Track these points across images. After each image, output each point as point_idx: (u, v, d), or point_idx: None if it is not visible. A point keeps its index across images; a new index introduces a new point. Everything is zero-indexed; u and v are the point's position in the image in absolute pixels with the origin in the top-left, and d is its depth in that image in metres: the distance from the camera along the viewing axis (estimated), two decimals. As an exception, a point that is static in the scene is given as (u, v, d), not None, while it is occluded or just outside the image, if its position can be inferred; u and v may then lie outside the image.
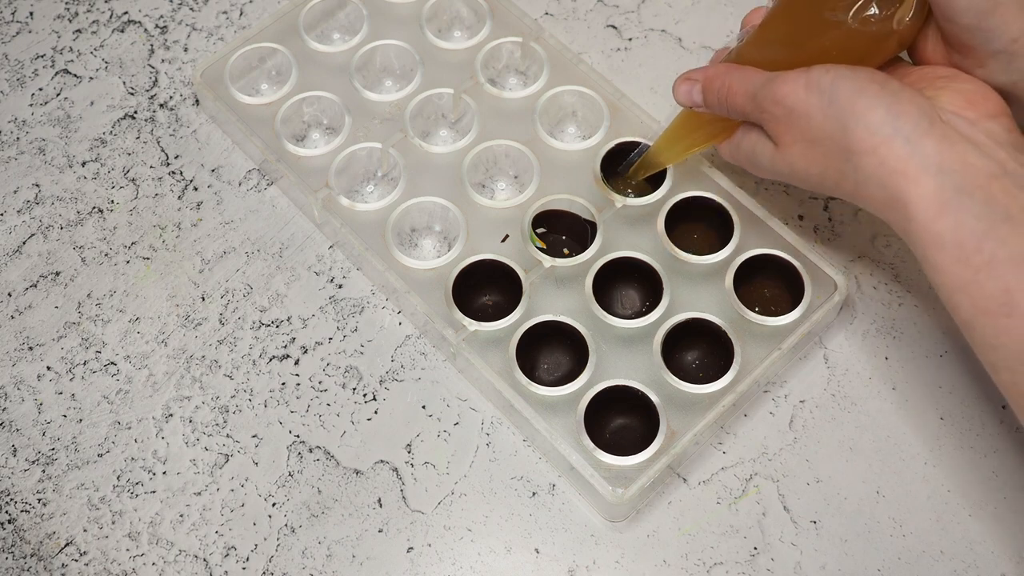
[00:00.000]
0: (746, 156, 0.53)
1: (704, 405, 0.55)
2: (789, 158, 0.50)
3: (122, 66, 0.69)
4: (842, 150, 0.47)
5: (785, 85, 0.49)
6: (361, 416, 0.57)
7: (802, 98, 0.48)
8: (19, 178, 0.65)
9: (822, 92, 0.47)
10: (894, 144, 0.45)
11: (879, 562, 0.53)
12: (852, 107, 0.46)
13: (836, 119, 0.47)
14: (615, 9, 0.71)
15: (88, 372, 0.59)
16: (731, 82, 0.52)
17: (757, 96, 0.50)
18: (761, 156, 0.52)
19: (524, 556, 0.54)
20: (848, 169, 0.47)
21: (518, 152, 0.63)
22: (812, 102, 0.47)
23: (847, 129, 0.46)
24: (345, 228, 0.60)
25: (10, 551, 0.54)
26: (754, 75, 0.51)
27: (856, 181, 0.47)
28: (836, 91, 0.47)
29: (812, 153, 0.48)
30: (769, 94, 0.49)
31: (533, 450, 0.56)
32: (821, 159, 0.48)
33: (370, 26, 0.67)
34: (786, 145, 0.50)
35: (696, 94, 0.54)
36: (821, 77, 0.47)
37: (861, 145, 0.46)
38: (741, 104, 0.51)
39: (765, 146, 0.51)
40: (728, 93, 0.52)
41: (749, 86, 0.51)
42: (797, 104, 0.48)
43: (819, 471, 0.55)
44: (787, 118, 0.49)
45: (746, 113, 0.51)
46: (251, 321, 0.60)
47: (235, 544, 0.54)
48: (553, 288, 0.59)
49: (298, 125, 0.65)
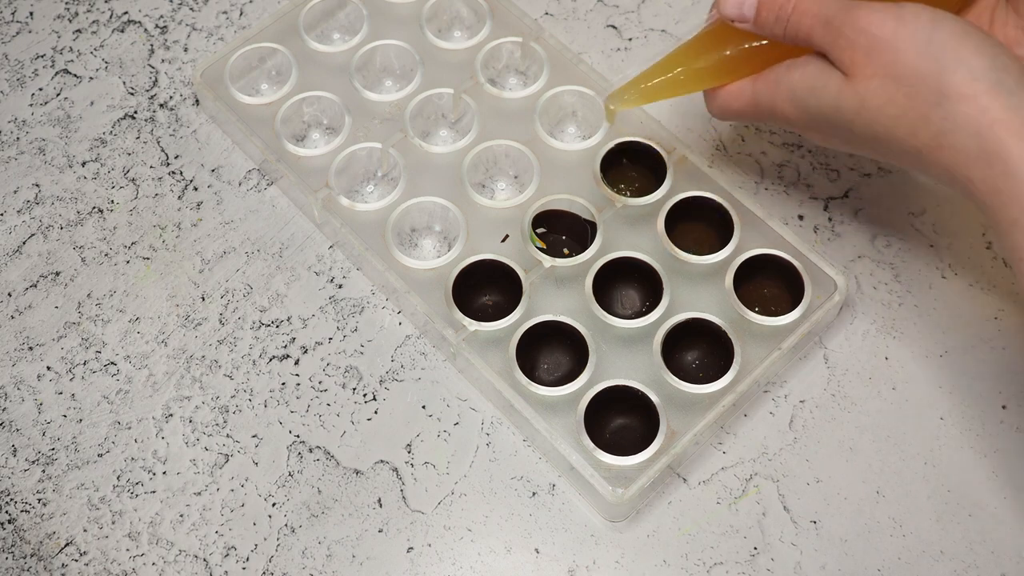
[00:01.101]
0: (791, 93, 0.48)
1: (704, 405, 0.55)
2: (863, 92, 0.45)
3: (122, 66, 0.69)
4: (933, 92, 0.43)
5: (872, 13, 0.44)
6: (361, 416, 0.57)
7: (892, 30, 0.44)
8: (19, 178, 0.65)
9: (919, 28, 0.43)
10: (999, 94, 0.42)
11: (879, 562, 0.53)
12: (956, 48, 0.42)
13: (934, 58, 0.43)
14: (615, 9, 0.71)
15: (88, 372, 0.59)
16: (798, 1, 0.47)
17: (834, 20, 0.45)
18: (822, 91, 0.46)
19: (524, 556, 0.54)
20: (935, 115, 0.43)
21: (518, 152, 0.63)
22: (906, 36, 0.43)
23: (945, 71, 0.42)
24: (345, 228, 0.60)
25: (10, 551, 0.54)
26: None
27: (941, 129, 0.43)
28: (937, 30, 0.43)
29: (893, 90, 0.44)
30: (851, 19, 0.45)
31: (533, 450, 0.56)
32: (903, 99, 0.44)
33: (370, 26, 0.67)
34: (863, 77, 0.45)
35: (748, 7, 0.48)
36: (919, 13, 0.44)
37: (960, 89, 0.42)
38: (808, 26, 0.46)
39: (830, 78, 0.46)
40: (794, 11, 0.46)
41: (823, 7, 0.46)
42: (886, 35, 0.44)
43: (819, 471, 0.55)
44: (870, 47, 0.44)
45: (812, 38, 0.46)
46: (251, 321, 0.60)
47: (235, 544, 0.54)
48: (553, 288, 0.59)
49: (298, 125, 0.65)
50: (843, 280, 0.57)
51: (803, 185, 0.64)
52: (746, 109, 0.51)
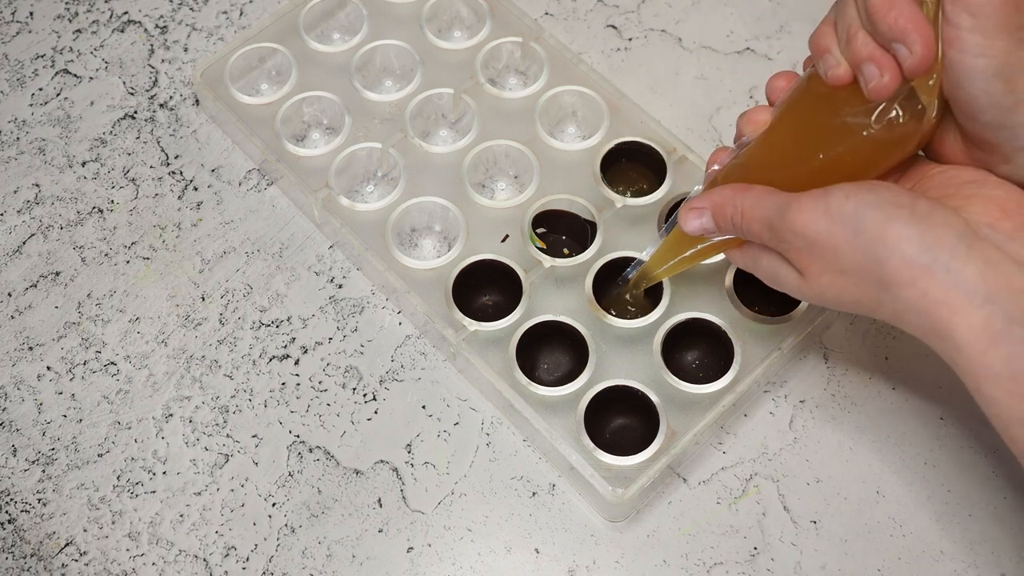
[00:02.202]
0: (767, 275, 0.50)
1: (704, 405, 0.55)
2: (818, 288, 0.46)
3: (122, 66, 0.69)
4: (877, 281, 0.43)
5: (803, 214, 0.45)
6: (361, 416, 0.57)
7: (824, 228, 0.44)
8: (19, 178, 0.65)
9: (845, 222, 0.44)
10: (934, 275, 0.42)
11: (879, 562, 0.53)
12: (882, 238, 0.43)
13: (865, 251, 0.43)
14: (615, 9, 0.71)
15: (88, 372, 0.59)
16: (743, 206, 0.48)
17: (773, 225, 0.46)
18: (785, 282, 0.48)
19: (524, 556, 0.54)
20: (886, 298, 0.44)
21: (518, 152, 0.63)
22: (836, 232, 0.44)
23: (880, 261, 0.43)
24: (345, 228, 0.60)
25: (10, 551, 0.54)
26: (767, 198, 0.47)
27: (895, 310, 0.44)
28: (862, 220, 0.43)
29: (843, 283, 0.45)
30: (787, 224, 0.45)
31: (533, 450, 0.56)
32: (854, 288, 0.45)
33: (370, 26, 0.67)
34: (813, 275, 0.46)
35: (708, 222, 0.50)
36: (842, 205, 0.44)
37: (898, 277, 0.43)
38: (758, 231, 0.47)
39: (789, 273, 0.48)
40: (742, 219, 0.48)
41: (764, 211, 0.47)
42: (819, 235, 0.44)
43: (819, 471, 0.55)
44: (810, 249, 0.45)
45: (764, 240, 0.48)
46: (251, 321, 0.60)
47: (235, 544, 0.54)
48: (553, 288, 0.59)
49: (298, 125, 0.65)
50: (843, 280, 0.57)
51: (803, 185, 0.64)
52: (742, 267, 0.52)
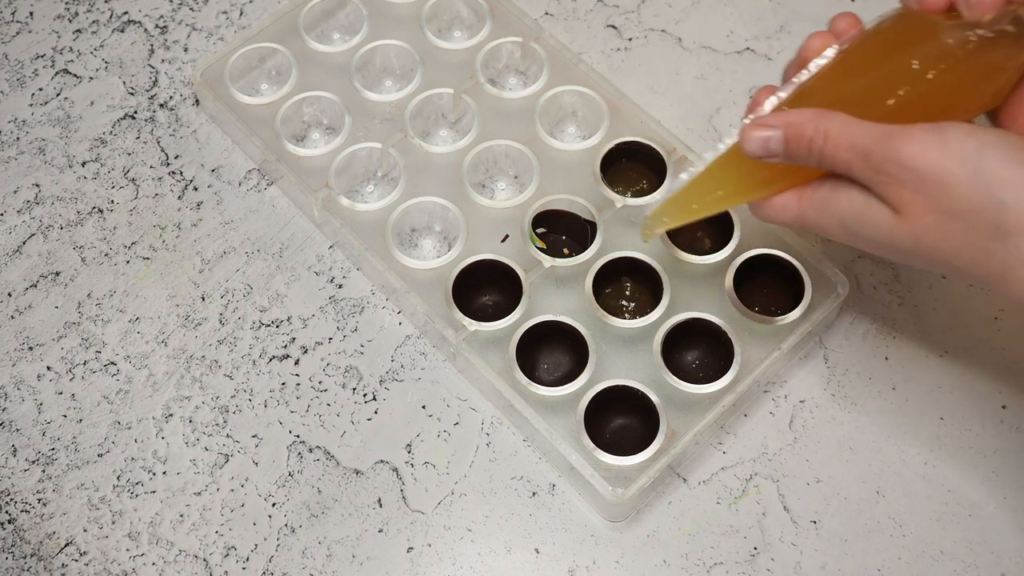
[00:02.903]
0: (844, 218, 0.44)
1: (704, 405, 0.55)
2: (917, 229, 0.42)
3: (122, 66, 0.69)
4: (992, 227, 0.40)
5: (913, 144, 0.41)
6: (361, 416, 0.57)
7: (938, 163, 0.40)
8: (19, 178, 0.65)
9: (966, 159, 0.40)
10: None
11: (879, 562, 0.53)
12: (1008, 182, 0.39)
13: (987, 193, 0.40)
14: (615, 9, 0.71)
15: (88, 372, 0.59)
16: (828, 130, 0.43)
17: (873, 154, 0.42)
18: (872, 225, 0.43)
19: (524, 556, 0.54)
20: (998, 249, 0.40)
21: (518, 152, 0.63)
22: (953, 169, 0.40)
23: (1002, 206, 0.39)
24: (345, 228, 0.60)
25: (10, 551, 0.54)
26: (861, 126, 0.42)
27: (1006, 263, 0.40)
28: (985, 159, 0.40)
29: (949, 226, 0.41)
30: (891, 154, 0.41)
31: (533, 450, 0.56)
32: (960, 234, 0.41)
33: (370, 26, 0.67)
34: (914, 214, 0.42)
35: (776, 144, 0.45)
36: (963, 141, 0.40)
37: (1019, 225, 0.39)
38: (845, 159, 0.43)
39: (879, 213, 0.43)
40: (825, 144, 0.43)
41: (857, 139, 0.42)
42: (932, 169, 0.40)
43: (819, 471, 0.55)
44: (917, 183, 0.41)
45: (852, 171, 0.43)
46: (251, 321, 0.60)
47: (235, 544, 0.54)
48: (553, 288, 0.59)
49: (298, 125, 0.65)
50: (843, 280, 0.57)
51: (803, 185, 0.64)
52: (793, 223, 0.47)
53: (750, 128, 0.45)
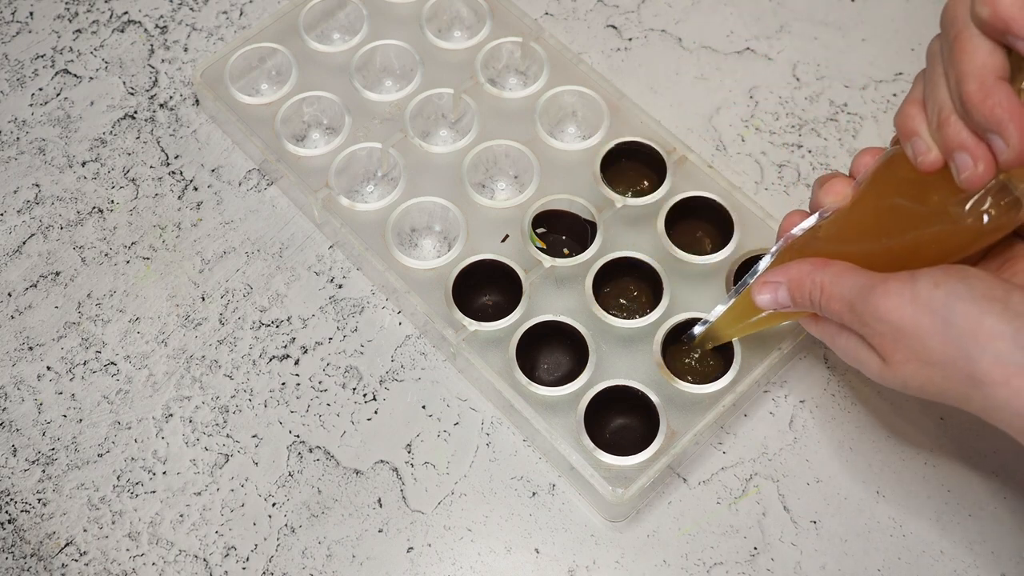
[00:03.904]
0: (845, 355, 0.48)
1: (704, 405, 0.55)
2: (902, 376, 0.44)
3: (122, 66, 0.69)
4: (966, 376, 0.41)
5: (888, 299, 0.43)
6: (361, 416, 0.57)
7: (911, 317, 0.42)
8: (19, 178, 0.65)
9: (935, 312, 0.42)
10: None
11: (879, 562, 0.53)
12: (974, 334, 0.41)
13: (956, 345, 0.41)
14: (615, 9, 0.71)
15: (88, 372, 0.59)
16: (823, 282, 0.46)
17: (855, 306, 0.44)
18: (865, 366, 0.46)
19: (524, 556, 0.54)
20: (975, 395, 0.42)
21: (518, 152, 0.63)
22: (924, 323, 0.42)
23: (971, 358, 0.41)
24: (345, 228, 0.60)
25: (10, 551, 0.54)
26: (848, 277, 0.45)
27: (985, 407, 0.42)
28: (952, 313, 0.41)
29: (929, 373, 0.43)
30: (870, 308, 0.44)
31: (533, 450, 0.56)
32: (940, 381, 0.43)
33: (370, 26, 0.67)
34: (897, 363, 0.44)
35: (783, 297, 0.48)
36: (931, 293, 0.42)
37: (990, 376, 0.41)
38: (838, 310, 0.45)
39: (869, 358, 0.46)
40: (821, 296, 0.46)
41: (845, 291, 0.45)
42: (905, 323, 0.42)
43: (819, 471, 0.55)
44: (895, 336, 0.43)
45: (844, 321, 0.46)
46: (251, 321, 0.60)
47: (235, 544, 0.54)
48: (553, 288, 0.59)
49: (298, 125, 0.65)
50: (843, 280, 0.57)
51: (803, 185, 0.64)
52: (816, 336, 0.50)
53: (758, 286, 0.49)
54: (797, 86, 0.67)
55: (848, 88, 0.67)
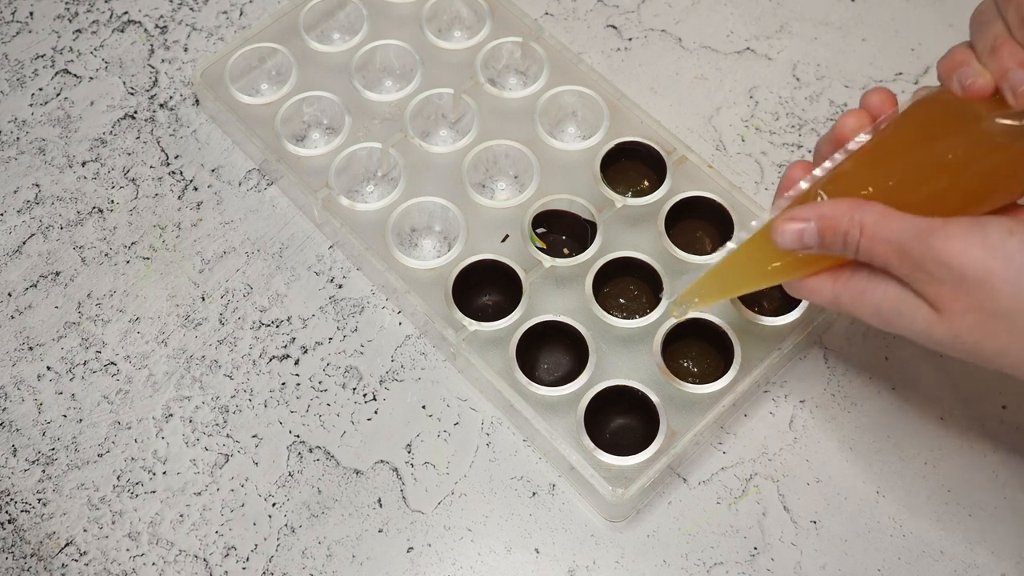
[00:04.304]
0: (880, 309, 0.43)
1: (704, 405, 0.55)
2: (957, 327, 0.41)
3: (122, 66, 0.69)
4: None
5: (954, 242, 0.39)
6: (361, 416, 0.57)
7: (980, 262, 0.39)
8: (19, 178, 0.65)
9: (1009, 258, 0.39)
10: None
11: (879, 562, 0.53)
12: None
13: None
14: (615, 9, 0.71)
15: (88, 372, 0.59)
16: (864, 223, 0.42)
17: (911, 250, 0.40)
18: (911, 318, 0.42)
19: (524, 556, 0.54)
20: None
21: (518, 152, 0.63)
22: (995, 269, 0.39)
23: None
24: (345, 228, 0.60)
25: (10, 551, 0.54)
26: (897, 219, 0.41)
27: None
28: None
29: (991, 326, 0.40)
30: (930, 251, 0.40)
31: (533, 450, 0.56)
32: (1003, 334, 0.40)
33: (370, 26, 0.67)
34: (954, 313, 0.40)
35: (810, 236, 0.44)
36: (1006, 239, 0.39)
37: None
38: (882, 254, 0.42)
39: (917, 309, 0.42)
40: (862, 238, 0.42)
41: (894, 233, 0.41)
42: (973, 269, 0.39)
43: (819, 471, 0.55)
44: (958, 283, 0.40)
45: (889, 266, 0.42)
46: (251, 321, 0.60)
47: (235, 544, 0.54)
48: (553, 288, 0.59)
49: (298, 125, 0.65)
50: (843, 280, 0.57)
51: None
52: (827, 305, 0.46)
53: (783, 221, 0.44)
54: (797, 86, 0.67)
55: (848, 88, 0.67)
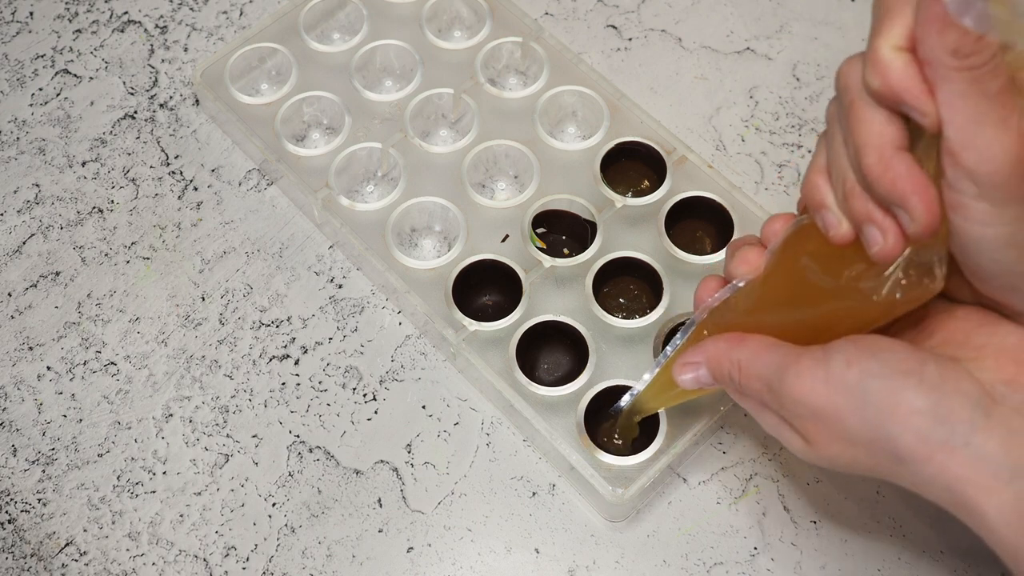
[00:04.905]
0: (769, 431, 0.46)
1: (704, 405, 0.55)
2: (827, 455, 0.42)
3: (122, 66, 0.69)
4: (891, 455, 0.40)
5: (802, 381, 0.41)
6: (361, 416, 0.57)
7: (826, 398, 0.41)
8: (19, 178, 0.65)
9: (850, 392, 0.40)
10: (953, 450, 0.38)
11: (879, 562, 0.53)
12: (892, 412, 0.39)
13: (876, 425, 0.40)
14: (615, 9, 0.71)
15: (88, 372, 0.59)
16: (740, 361, 0.44)
17: (772, 387, 0.43)
18: (790, 446, 0.44)
19: (524, 556, 0.54)
20: (903, 471, 0.40)
21: (518, 152, 0.63)
22: (840, 404, 0.40)
23: (892, 437, 0.39)
24: (345, 228, 0.60)
25: (10, 551, 0.54)
26: (764, 355, 0.43)
27: (915, 482, 0.40)
28: (867, 392, 0.40)
29: (854, 452, 0.41)
30: (786, 390, 0.42)
31: (533, 450, 0.56)
32: (866, 459, 0.41)
33: (370, 26, 0.67)
34: (820, 443, 0.42)
35: (704, 376, 0.46)
36: (844, 373, 0.40)
37: (913, 454, 0.39)
38: (757, 390, 0.44)
39: (792, 438, 0.44)
40: (740, 375, 0.45)
41: (762, 370, 0.43)
42: (822, 406, 0.41)
43: (819, 471, 0.55)
44: (813, 418, 0.42)
45: (765, 401, 0.44)
46: (251, 321, 0.60)
47: (235, 544, 0.54)
48: (553, 288, 0.59)
49: (298, 125, 0.65)
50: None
51: (803, 185, 0.64)
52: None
53: (679, 367, 0.47)
54: (797, 86, 0.67)
55: (848, 88, 0.67)
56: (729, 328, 0.47)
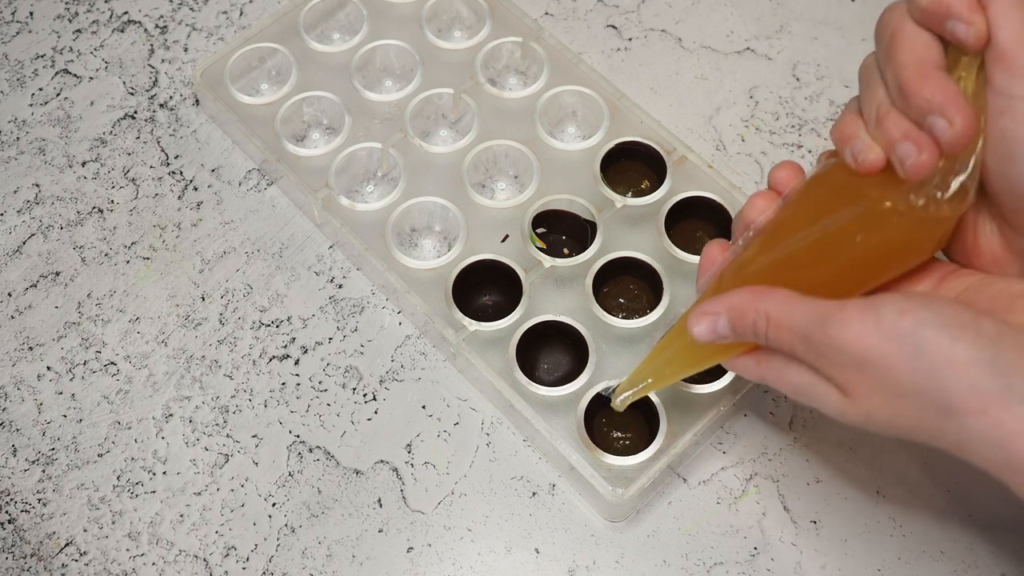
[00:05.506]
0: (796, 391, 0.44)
1: (704, 405, 0.55)
2: (865, 409, 0.41)
3: (122, 66, 0.69)
4: (939, 407, 0.39)
5: (850, 328, 0.40)
6: (361, 416, 0.57)
7: (876, 345, 0.39)
8: (19, 178, 0.65)
9: (903, 340, 0.39)
10: (1010, 403, 0.37)
11: (879, 562, 0.53)
12: (948, 362, 0.38)
13: (928, 374, 0.38)
14: (615, 9, 0.71)
15: (88, 372, 0.59)
16: (768, 312, 0.43)
17: (811, 337, 0.41)
18: (823, 400, 0.43)
19: (524, 556, 0.54)
20: (949, 427, 0.39)
21: (518, 152, 0.63)
22: (891, 351, 0.39)
23: (945, 388, 0.38)
24: (345, 228, 0.60)
25: (10, 551, 0.54)
26: (798, 306, 0.42)
27: (960, 440, 0.39)
28: (922, 340, 0.38)
29: (897, 406, 0.40)
30: (829, 339, 0.40)
31: (533, 450, 0.56)
32: (910, 413, 0.40)
33: (370, 26, 0.67)
34: (861, 395, 0.41)
35: (723, 328, 0.45)
36: (897, 321, 0.39)
37: (966, 405, 0.38)
38: (789, 342, 0.42)
39: (827, 392, 0.42)
40: (768, 327, 0.43)
41: (796, 321, 0.42)
42: (871, 353, 0.39)
43: (819, 471, 0.55)
44: (858, 367, 0.40)
45: (797, 353, 0.42)
46: (251, 321, 0.60)
47: (235, 544, 0.54)
48: (553, 288, 0.59)
49: (298, 125, 0.65)
50: (843, 280, 0.57)
51: (803, 185, 0.64)
52: (757, 380, 0.47)
53: (696, 316, 0.45)
54: (797, 86, 0.67)
55: (848, 88, 0.67)
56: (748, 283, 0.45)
